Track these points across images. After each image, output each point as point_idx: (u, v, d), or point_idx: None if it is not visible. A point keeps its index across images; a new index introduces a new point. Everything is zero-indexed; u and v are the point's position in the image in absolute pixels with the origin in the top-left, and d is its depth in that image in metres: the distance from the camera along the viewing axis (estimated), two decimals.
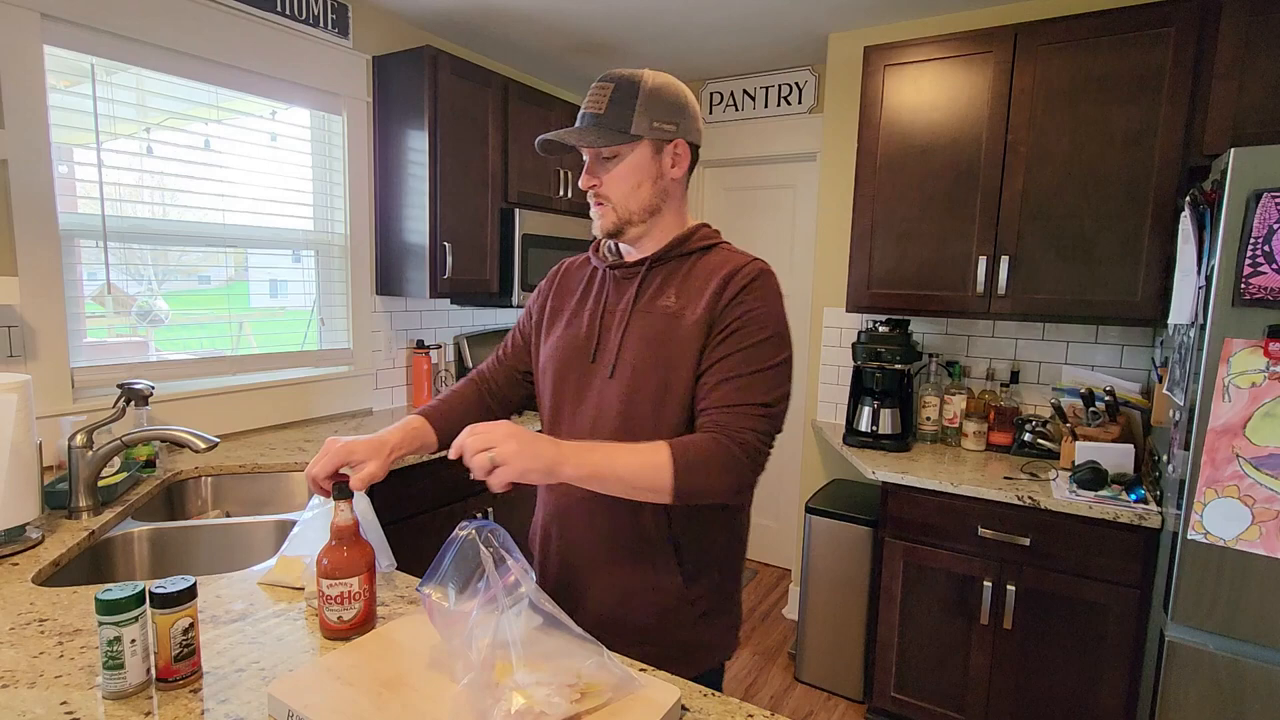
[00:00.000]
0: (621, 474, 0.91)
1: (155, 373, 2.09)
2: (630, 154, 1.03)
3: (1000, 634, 2.03)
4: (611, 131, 1.01)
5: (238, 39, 2.18)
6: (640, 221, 1.06)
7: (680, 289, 1.05)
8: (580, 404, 1.09)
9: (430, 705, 0.79)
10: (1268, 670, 1.50)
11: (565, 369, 1.11)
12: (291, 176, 2.46)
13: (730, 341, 0.99)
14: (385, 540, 1.14)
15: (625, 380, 1.04)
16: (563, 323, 1.15)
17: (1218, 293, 1.49)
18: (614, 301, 1.09)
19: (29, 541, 1.30)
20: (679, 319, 1.02)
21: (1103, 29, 2.01)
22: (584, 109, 1.04)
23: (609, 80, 1.03)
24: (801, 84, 3.18)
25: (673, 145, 1.05)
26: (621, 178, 1.03)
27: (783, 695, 2.49)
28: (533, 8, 2.56)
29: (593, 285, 1.15)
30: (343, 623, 0.97)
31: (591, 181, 1.05)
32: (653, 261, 1.08)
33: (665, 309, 1.04)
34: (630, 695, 0.82)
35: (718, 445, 0.94)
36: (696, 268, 1.06)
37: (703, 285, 1.03)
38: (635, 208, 1.05)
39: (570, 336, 1.12)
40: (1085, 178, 2.07)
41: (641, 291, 1.07)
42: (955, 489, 2.04)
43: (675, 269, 1.07)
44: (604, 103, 1.01)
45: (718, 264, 1.05)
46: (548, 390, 1.15)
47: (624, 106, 1.01)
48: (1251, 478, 1.48)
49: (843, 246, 2.81)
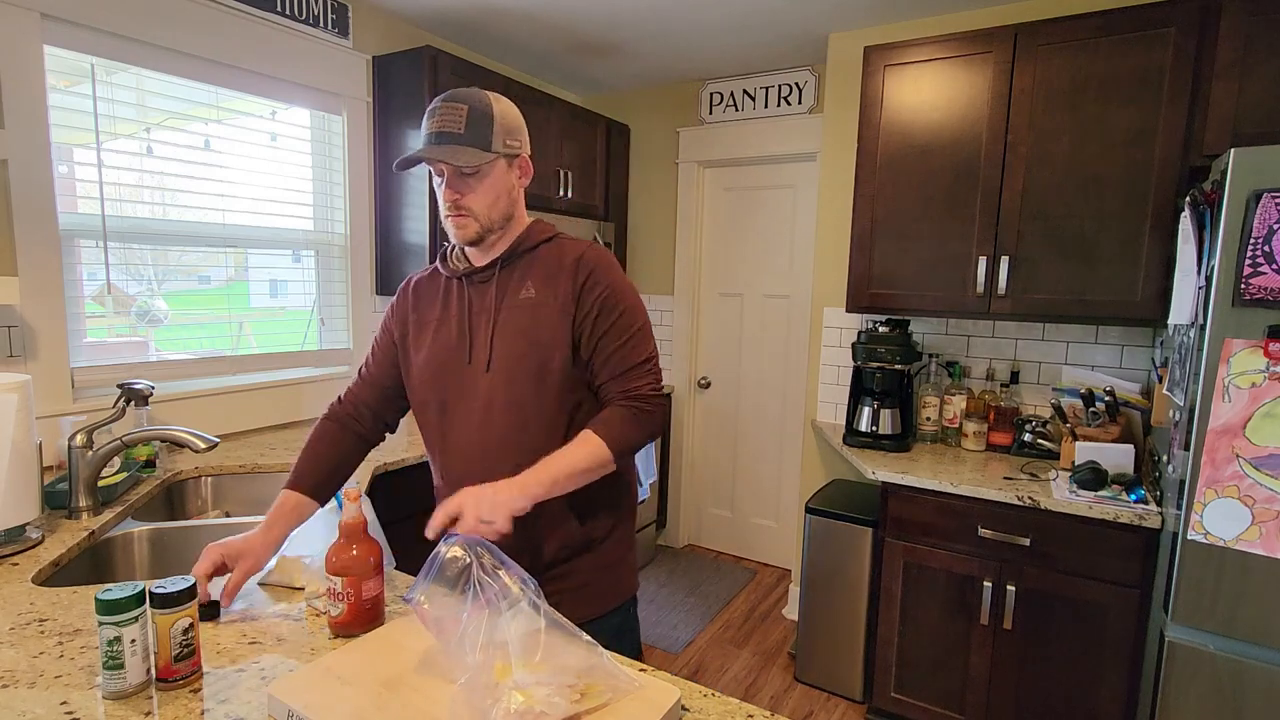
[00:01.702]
0: (573, 469, 1.06)
1: (155, 373, 2.09)
2: (491, 170, 1.12)
3: (1000, 634, 2.03)
4: (478, 150, 1.10)
5: (238, 39, 2.18)
6: (499, 229, 1.17)
7: (536, 280, 1.17)
8: (465, 402, 1.17)
9: (430, 705, 0.79)
10: (1268, 670, 1.50)
11: (443, 374, 1.19)
12: (291, 176, 2.46)
13: (600, 322, 1.14)
14: (386, 541, 1.14)
15: (504, 371, 1.14)
16: (430, 333, 1.23)
17: (1218, 293, 1.49)
18: (478, 304, 1.19)
19: (29, 541, 1.30)
20: (543, 306, 1.15)
21: (1103, 29, 2.01)
22: (437, 128, 1.10)
23: (460, 101, 1.10)
24: (801, 84, 3.18)
25: (519, 160, 1.17)
26: (484, 192, 1.13)
27: (783, 695, 2.49)
28: (533, 8, 2.56)
29: (451, 294, 1.23)
30: (330, 617, 0.99)
31: (455, 195, 1.12)
32: (503, 261, 1.19)
33: (528, 300, 1.16)
34: (630, 695, 0.82)
35: (626, 410, 1.12)
36: (543, 259, 1.18)
37: (555, 272, 1.16)
38: (496, 217, 1.15)
39: (442, 344, 1.20)
40: (1085, 178, 2.07)
41: (501, 289, 1.18)
42: (955, 489, 2.04)
43: (527, 264, 1.18)
44: (462, 123, 1.09)
45: (561, 253, 1.18)
46: (431, 398, 1.21)
47: (482, 127, 1.10)
48: (1251, 478, 1.48)
49: (843, 246, 2.81)
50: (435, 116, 1.10)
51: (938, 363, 2.64)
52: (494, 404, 1.15)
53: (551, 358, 1.13)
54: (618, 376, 1.14)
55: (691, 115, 3.50)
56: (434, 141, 1.10)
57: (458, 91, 1.12)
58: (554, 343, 1.13)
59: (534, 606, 0.82)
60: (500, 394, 1.14)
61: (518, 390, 1.14)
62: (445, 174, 1.11)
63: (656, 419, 1.15)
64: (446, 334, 1.21)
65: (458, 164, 1.08)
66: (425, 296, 1.27)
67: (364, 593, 0.98)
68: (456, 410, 1.18)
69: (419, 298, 1.28)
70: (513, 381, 1.14)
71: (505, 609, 0.81)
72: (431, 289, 1.27)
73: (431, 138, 1.11)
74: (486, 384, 1.15)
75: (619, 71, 3.34)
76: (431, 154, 1.08)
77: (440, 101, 1.11)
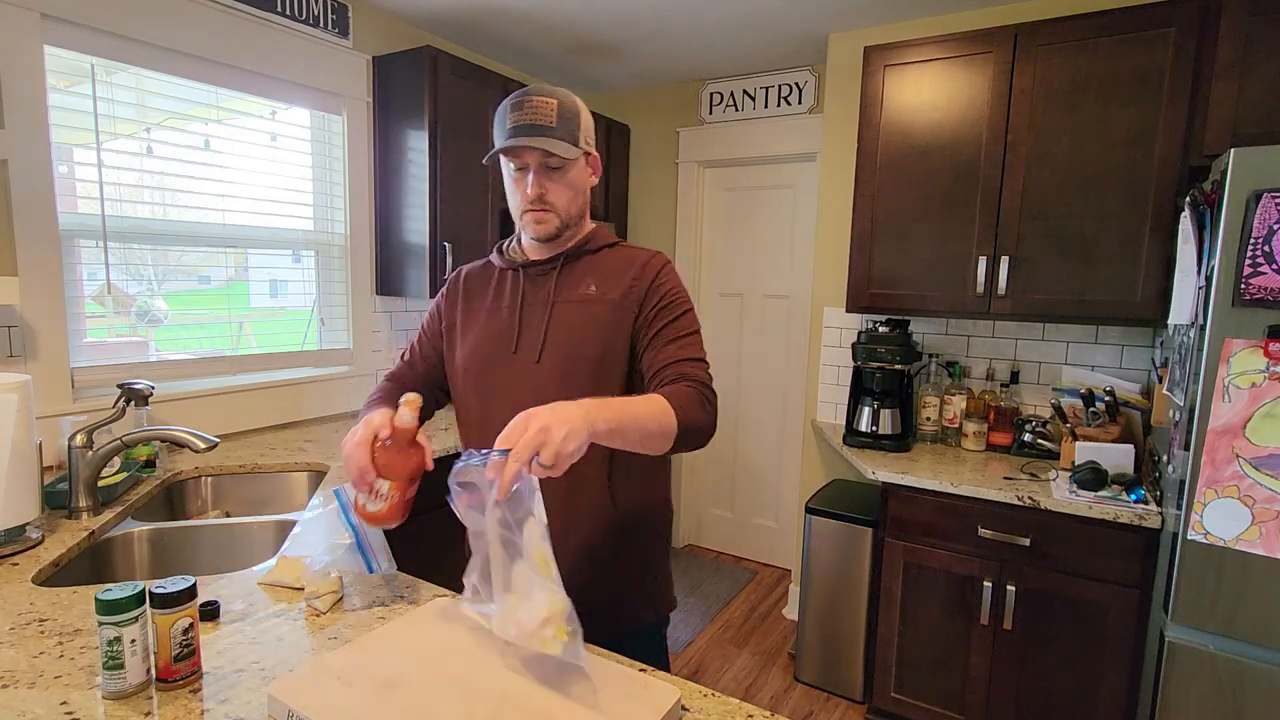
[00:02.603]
0: (641, 422, 0.95)
1: (155, 373, 2.09)
2: (573, 166, 1.12)
3: (1000, 634, 2.03)
4: (568, 145, 1.09)
5: (238, 39, 2.18)
6: (574, 225, 1.17)
7: (598, 279, 1.16)
8: (511, 393, 1.14)
9: (430, 705, 0.79)
10: (1268, 670, 1.50)
11: (490, 363, 1.17)
12: (291, 176, 2.46)
13: (662, 314, 1.13)
14: (385, 542, 1.14)
15: (557, 364, 1.13)
16: (479, 321, 1.21)
17: (1218, 293, 1.49)
18: (532, 295, 1.18)
19: (29, 541, 1.30)
20: (602, 303, 1.14)
21: (1103, 29, 2.01)
22: (529, 120, 1.07)
23: (549, 95, 1.09)
24: (801, 84, 3.18)
25: (592, 158, 1.17)
26: (567, 187, 1.12)
27: (783, 695, 2.49)
28: (533, 8, 2.56)
29: (505, 284, 1.22)
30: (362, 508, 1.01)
31: (540, 189, 1.11)
32: (567, 257, 1.18)
33: (588, 295, 1.15)
34: (628, 694, 0.82)
35: (692, 389, 1.06)
36: (608, 261, 1.18)
37: (619, 275, 1.15)
38: (574, 214, 1.15)
39: (490, 333, 1.19)
40: (1085, 178, 2.07)
41: (560, 285, 1.17)
42: (955, 489, 2.04)
43: (589, 263, 1.18)
44: (553, 116, 1.08)
45: (627, 257, 1.18)
46: (471, 388, 1.20)
47: (570, 122, 1.10)
48: (1251, 478, 1.48)
49: (843, 246, 2.81)
50: (524, 109, 1.08)
51: (938, 363, 2.64)
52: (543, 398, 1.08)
53: (608, 355, 1.12)
54: (676, 363, 1.10)
55: (691, 115, 3.50)
56: (525, 133, 1.07)
57: (542, 87, 1.11)
58: (613, 340, 1.12)
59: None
60: (551, 388, 1.11)
61: (571, 385, 1.10)
62: (531, 167, 1.10)
63: (713, 417, 1.09)
64: (496, 323, 1.19)
65: (555, 154, 1.06)
66: (477, 286, 1.25)
67: (405, 495, 1.02)
68: (501, 401, 1.14)
69: (470, 287, 1.26)
70: (566, 376, 1.12)
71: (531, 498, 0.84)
72: (484, 279, 1.25)
73: (522, 129, 1.08)
74: (537, 376, 1.13)
75: (619, 71, 3.34)
76: (532, 142, 1.06)
77: (527, 95, 1.09)
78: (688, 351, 1.11)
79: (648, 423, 0.96)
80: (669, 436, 0.99)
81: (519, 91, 1.11)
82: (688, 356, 1.10)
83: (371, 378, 2.72)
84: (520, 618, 0.84)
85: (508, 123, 1.10)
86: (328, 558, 1.10)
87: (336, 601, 1.10)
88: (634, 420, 0.94)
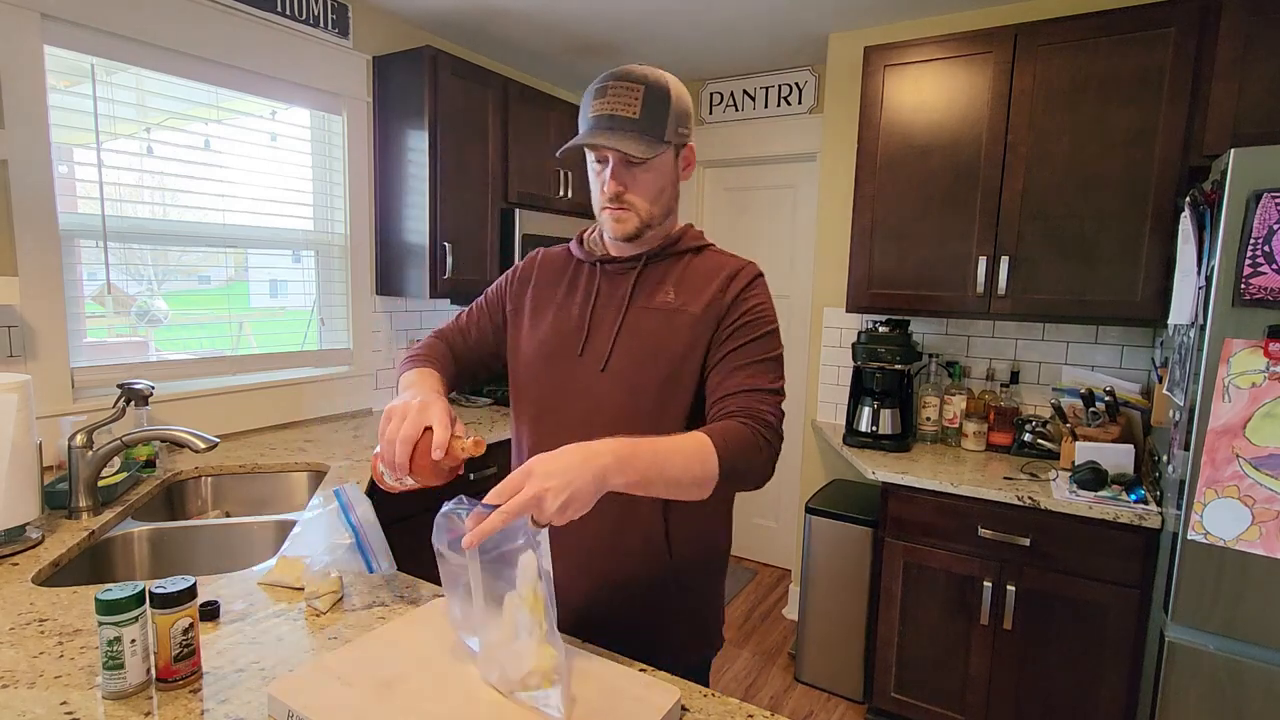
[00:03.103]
0: (671, 473, 0.85)
1: (155, 373, 2.09)
2: (658, 161, 1.02)
3: (1000, 634, 2.03)
4: (652, 139, 0.98)
5: (238, 39, 2.18)
6: (658, 224, 1.07)
7: (678, 286, 1.06)
8: (571, 399, 1.07)
9: (430, 705, 0.79)
10: (1268, 670, 1.50)
11: (552, 362, 1.09)
12: (291, 176, 2.46)
13: (740, 333, 1.02)
14: (385, 542, 1.14)
15: (623, 375, 1.03)
16: (549, 315, 1.12)
17: (1218, 293, 1.49)
18: (606, 295, 1.09)
19: (29, 541, 1.30)
20: (681, 313, 1.04)
21: (1103, 29, 2.01)
22: (609, 109, 0.98)
23: (635, 81, 0.98)
24: (801, 84, 3.18)
25: (686, 150, 1.07)
26: (650, 184, 1.03)
27: (783, 695, 2.48)
28: (533, 8, 2.56)
29: (579, 278, 1.13)
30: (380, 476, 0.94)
31: (618, 188, 1.01)
32: (649, 258, 1.08)
33: (666, 304, 1.05)
34: (628, 693, 0.82)
35: (749, 429, 0.94)
36: (692, 267, 1.08)
37: (703, 283, 1.05)
38: (658, 212, 1.05)
39: (557, 330, 1.10)
40: (1085, 178, 2.07)
41: (638, 287, 1.08)
42: (955, 489, 2.04)
43: (670, 267, 1.08)
44: (637, 106, 0.97)
45: (715, 264, 1.08)
46: (530, 384, 1.12)
47: (658, 112, 0.98)
48: (1251, 478, 1.48)
49: (843, 246, 2.81)
50: (606, 95, 0.98)
51: (938, 363, 2.64)
52: (604, 408, 1.04)
53: (681, 371, 1.02)
54: (743, 392, 0.98)
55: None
56: (603, 125, 0.98)
57: (632, 68, 0.98)
58: (688, 355, 1.02)
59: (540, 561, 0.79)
60: (614, 399, 1.03)
61: (639, 400, 1.02)
62: (610, 161, 1.01)
63: (772, 460, 0.96)
64: (565, 320, 1.10)
65: (630, 154, 0.96)
66: (551, 275, 1.16)
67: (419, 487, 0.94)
68: (559, 403, 1.07)
69: (544, 274, 1.17)
70: (633, 389, 1.03)
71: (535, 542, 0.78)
72: (560, 268, 1.16)
73: (601, 120, 0.98)
74: (600, 385, 1.04)
75: None
76: (599, 140, 0.97)
77: (612, 79, 0.98)
78: (758, 380, 0.99)
79: (680, 474, 0.86)
80: (704, 485, 0.89)
81: (606, 73, 1.00)
82: (757, 387, 0.99)
83: (371, 377, 2.73)
84: (503, 660, 0.79)
85: (589, 111, 1.00)
86: (328, 558, 1.10)
87: (336, 601, 1.10)
88: (661, 472, 0.84)
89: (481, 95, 2.65)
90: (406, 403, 0.90)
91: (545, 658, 0.78)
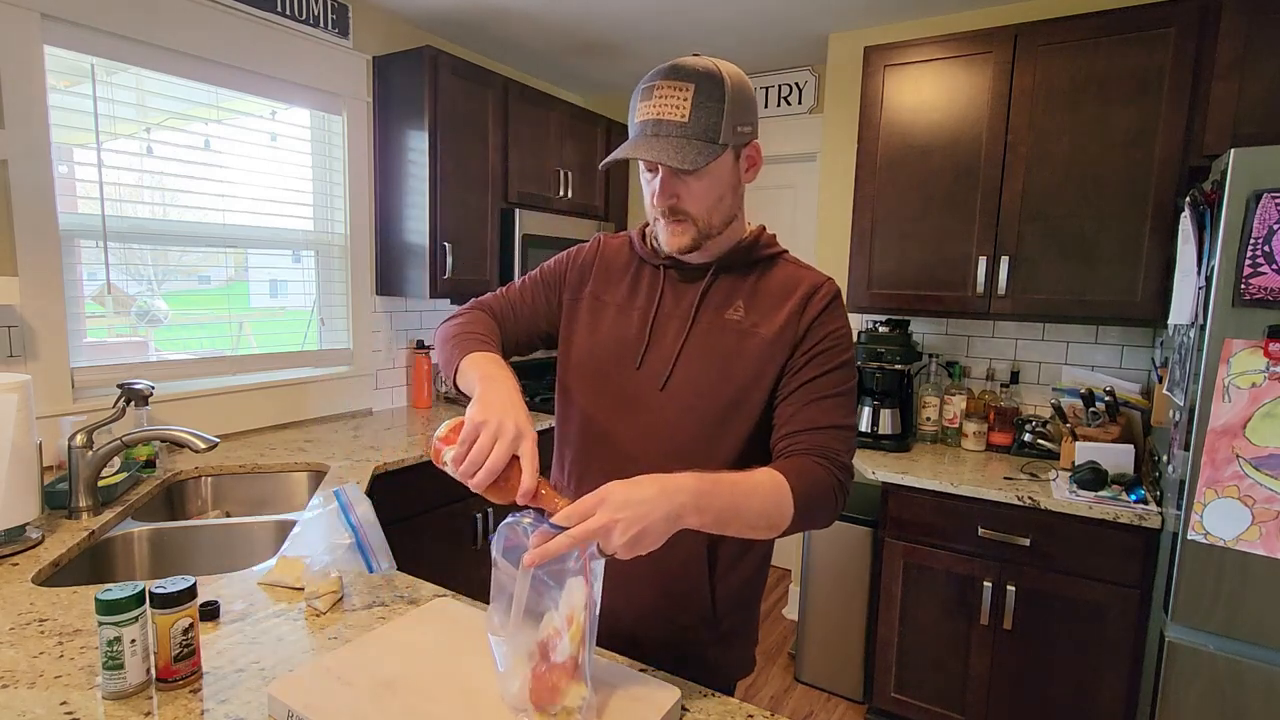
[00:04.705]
0: (746, 517, 0.82)
1: (155, 373, 2.09)
2: (714, 166, 0.91)
3: (1000, 634, 2.03)
4: (704, 144, 0.88)
5: (238, 39, 2.18)
6: (719, 233, 0.97)
7: (748, 302, 0.98)
8: (623, 416, 0.99)
9: (430, 705, 0.79)
10: (1268, 670, 1.50)
11: (608, 371, 1.01)
12: (291, 176, 2.46)
13: (817, 362, 0.94)
14: (385, 542, 1.13)
15: (684, 398, 0.96)
16: (608, 317, 1.04)
17: (1218, 293, 1.49)
18: (670, 305, 1.00)
19: (29, 541, 1.30)
20: (751, 335, 0.96)
21: (1103, 29, 2.01)
22: (655, 114, 0.88)
23: (685, 78, 0.87)
24: (801, 84, 3.18)
25: (749, 148, 0.97)
26: (706, 191, 0.92)
27: (783, 695, 2.48)
28: (533, 8, 2.56)
29: (641, 279, 1.04)
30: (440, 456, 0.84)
31: (670, 200, 0.92)
32: (719, 269, 1.00)
33: (734, 322, 0.97)
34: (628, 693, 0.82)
35: (824, 470, 0.88)
36: (764, 280, 1.00)
37: (777, 301, 0.97)
38: (717, 221, 0.95)
39: (616, 336, 1.02)
40: (1085, 178, 2.07)
41: (705, 300, 0.99)
42: (955, 489, 2.04)
43: (740, 279, 1.00)
44: (686, 108, 0.87)
45: (791, 279, 1.00)
46: (580, 389, 1.04)
47: (711, 112, 0.88)
48: (1251, 478, 1.48)
49: (843, 247, 2.81)
50: (653, 97, 0.88)
51: (938, 363, 2.64)
52: (658, 429, 0.97)
53: (747, 398, 0.95)
54: (817, 430, 0.91)
55: None
56: (650, 132, 0.88)
57: (682, 63, 0.88)
58: (756, 381, 0.95)
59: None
60: (670, 420, 0.96)
61: (697, 425, 0.95)
62: (660, 170, 0.92)
63: (844, 503, 0.91)
64: (624, 326, 1.02)
65: (682, 165, 0.86)
66: (614, 269, 1.07)
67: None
68: (608, 419, 1.00)
69: (607, 268, 1.08)
70: (693, 413, 0.96)
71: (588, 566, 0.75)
72: (623, 264, 1.07)
73: (648, 126, 0.89)
74: (656, 403, 0.97)
75: (619, 71, 3.34)
76: (641, 153, 0.87)
77: (660, 78, 0.88)
78: (832, 417, 0.92)
79: (755, 517, 0.82)
80: (777, 528, 0.85)
81: (655, 70, 0.90)
82: (831, 424, 0.92)
83: (371, 377, 2.73)
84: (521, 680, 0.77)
85: (635, 115, 0.91)
86: (328, 558, 1.10)
87: (336, 601, 1.10)
88: (736, 514, 0.80)
89: (481, 95, 2.65)
90: (501, 422, 0.80)
91: (573, 696, 0.75)
